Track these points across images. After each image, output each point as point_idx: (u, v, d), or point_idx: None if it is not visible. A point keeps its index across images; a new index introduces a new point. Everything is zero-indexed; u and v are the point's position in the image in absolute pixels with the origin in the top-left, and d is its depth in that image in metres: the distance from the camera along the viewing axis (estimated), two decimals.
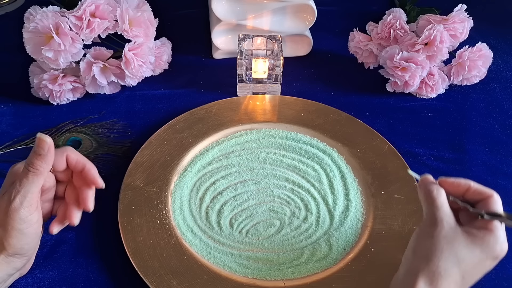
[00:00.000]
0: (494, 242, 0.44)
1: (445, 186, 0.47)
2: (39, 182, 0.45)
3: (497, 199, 0.46)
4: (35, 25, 0.62)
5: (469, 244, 0.43)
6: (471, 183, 0.47)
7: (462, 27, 0.71)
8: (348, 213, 0.59)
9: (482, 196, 0.46)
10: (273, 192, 0.61)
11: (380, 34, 0.74)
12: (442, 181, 0.48)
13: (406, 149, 0.66)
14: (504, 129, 0.71)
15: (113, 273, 0.53)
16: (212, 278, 0.52)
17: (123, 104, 0.72)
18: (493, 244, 0.44)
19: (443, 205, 0.45)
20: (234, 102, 0.71)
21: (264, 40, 0.71)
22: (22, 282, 0.52)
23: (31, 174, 0.45)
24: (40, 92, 0.69)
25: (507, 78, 0.79)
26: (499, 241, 0.44)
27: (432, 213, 0.45)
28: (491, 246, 0.43)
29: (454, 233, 0.44)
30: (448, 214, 0.45)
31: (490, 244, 0.43)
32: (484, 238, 0.44)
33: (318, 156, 0.65)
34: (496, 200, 0.46)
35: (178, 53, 0.79)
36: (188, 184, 0.61)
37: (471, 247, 0.43)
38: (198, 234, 0.56)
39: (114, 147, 0.65)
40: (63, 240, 0.56)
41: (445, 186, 0.47)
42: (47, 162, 0.46)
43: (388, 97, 0.74)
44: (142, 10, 0.69)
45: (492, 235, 0.44)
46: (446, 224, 0.44)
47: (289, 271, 0.53)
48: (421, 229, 0.46)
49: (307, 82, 0.77)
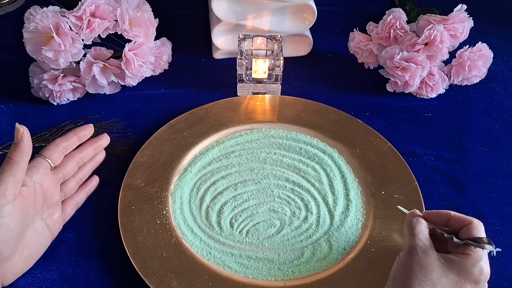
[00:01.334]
0: (470, 266, 0.44)
1: (429, 218, 0.50)
2: (13, 172, 0.45)
3: (476, 224, 0.47)
4: (35, 25, 0.62)
5: (445, 269, 0.45)
6: (451, 213, 0.49)
7: (462, 27, 0.71)
8: (348, 213, 0.59)
9: (463, 224, 0.48)
10: (273, 192, 0.61)
11: (380, 34, 0.74)
12: (426, 213, 0.51)
13: (406, 149, 0.66)
14: (504, 129, 0.71)
15: (113, 273, 0.53)
16: (213, 278, 0.52)
17: (123, 104, 0.72)
18: (470, 267, 0.44)
19: (420, 233, 0.48)
20: (234, 102, 0.71)
21: (264, 40, 0.71)
22: (22, 282, 0.52)
23: (5, 164, 0.45)
24: (40, 92, 0.69)
25: (507, 78, 0.79)
26: (477, 264, 0.45)
27: (409, 241, 0.48)
28: (468, 270, 0.44)
29: (429, 258, 0.45)
30: (423, 240, 0.47)
31: (467, 268, 0.44)
32: (461, 263, 0.45)
33: (318, 156, 0.65)
34: (475, 226, 0.47)
35: (178, 53, 0.79)
36: (188, 184, 0.61)
37: (446, 271, 0.44)
38: (198, 234, 0.56)
39: (114, 147, 0.65)
40: (63, 240, 0.56)
41: (429, 217, 0.50)
42: (21, 151, 0.46)
43: (388, 97, 0.74)
44: (142, 10, 0.69)
45: (468, 259, 0.45)
46: (420, 250, 0.46)
47: (289, 271, 0.53)
48: (400, 257, 0.48)
49: (307, 82, 0.77)
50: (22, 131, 0.47)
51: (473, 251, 0.45)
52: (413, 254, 0.46)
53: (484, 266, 0.45)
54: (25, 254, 0.49)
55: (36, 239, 0.51)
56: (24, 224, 0.48)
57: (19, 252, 0.48)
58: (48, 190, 0.52)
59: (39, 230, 0.51)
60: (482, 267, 0.45)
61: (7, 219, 0.45)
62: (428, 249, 0.46)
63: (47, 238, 0.52)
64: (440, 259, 0.45)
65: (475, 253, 0.45)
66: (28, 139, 0.47)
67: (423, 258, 0.45)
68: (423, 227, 0.48)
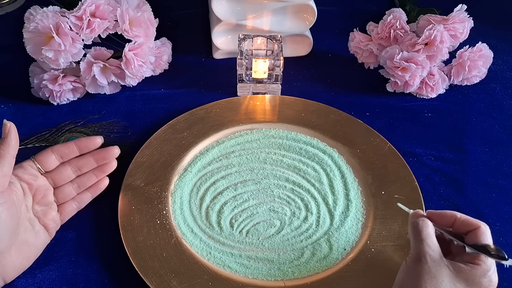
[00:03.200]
0: (480, 276, 0.43)
1: (433, 218, 0.47)
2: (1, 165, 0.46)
3: (484, 230, 0.45)
4: (35, 25, 0.62)
5: (454, 278, 0.43)
6: (457, 215, 0.47)
7: (462, 27, 0.71)
8: (349, 213, 0.59)
9: (470, 228, 0.46)
10: (273, 192, 0.61)
11: (380, 34, 0.74)
12: (429, 213, 0.48)
13: (406, 149, 0.66)
14: (504, 129, 0.71)
15: (113, 273, 0.53)
16: (212, 278, 0.52)
17: (123, 104, 0.72)
18: (479, 278, 0.43)
19: (428, 237, 0.45)
20: (234, 102, 0.71)
21: (264, 40, 0.70)
22: (22, 282, 0.52)
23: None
24: (40, 92, 0.69)
25: (507, 78, 0.79)
26: (486, 274, 0.43)
27: (417, 247, 0.45)
28: (477, 281, 0.43)
29: (438, 268, 0.43)
30: (432, 247, 0.45)
31: (476, 278, 0.43)
32: (470, 272, 0.43)
33: (318, 156, 0.65)
34: (483, 231, 0.45)
35: (178, 53, 0.79)
36: (188, 184, 0.61)
37: (455, 281, 0.43)
38: (198, 234, 0.56)
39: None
40: (63, 240, 0.56)
41: (433, 218, 0.48)
42: (8, 144, 0.47)
43: (388, 97, 0.74)
44: (142, 10, 0.69)
45: (478, 269, 0.43)
46: (429, 259, 0.44)
47: (289, 271, 0.53)
48: (407, 265, 0.46)
49: (307, 82, 0.77)
50: (9, 126, 0.48)
51: (483, 261, 0.44)
52: (422, 263, 0.44)
53: (493, 276, 0.44)
54: (24, 251, 0.50)
55: (34, 237, 0.51)
56: (17, 218, 0.48)
57: (17, 248, 0.48)
58: (38, 190, 0.52)
59: (36, 228, 0.51)
60: (491, 278, 0.44)
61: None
62: (437, 257, 0.44)
63: (44, 236, 0.52)
64: (449, 268, 0.44)
65: (485, 263, 0.44)
66: (15, 134, 0.48)
67: (433, 267, 0.43)
68: (430, 230, 0.46)
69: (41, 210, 0.53)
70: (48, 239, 0.53)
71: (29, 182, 0.52)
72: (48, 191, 0.54)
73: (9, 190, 0.48)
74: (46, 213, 0.53)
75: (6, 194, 0.47)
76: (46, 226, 0.53)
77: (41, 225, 0.52)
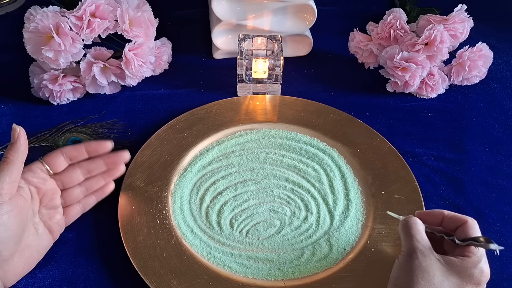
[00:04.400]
0: (471, 268, 0.44)
1: (422, 218, 0.49)
2: (9, 171, 0.46)
3: (472, 224, 0.46)
4: (35, 25, 0.62)
5: (446, 271, 0.44)
6: (444, 212, 0.49)
7: (462, 27, 0.71)
8: (349, 213, 0.59)
9: (458, 223, 0.47)
10: (273, 192, 0.61)
11: (380, 34, 0.74)
12: (418, 214, 0.50)
13: (406, 149, 0.66)
14: (504, 129, 0.71)
15: (113, 273, 0.53)
16: (212, 278, 0.52)
17: (123, 104, 0.72)
18: (471, 269, 0.44)
19: (417, 233, 0.46)
20: (234, 102, 0.71)
21: (264, 40, 0.71)
22: (22, 282, 0.52)
23: (1, 163, 0.46)
24: (40, 92, 0.69)
25: (507, 78, 0.79)
26: (477, 265, 0.44)
27: (407, 243, 0.46)
28: (469, 272, 0.44)
29: (430, 262, 0.44)
30: (422, 242, 0.46)
31: (468, 269, 0.44)
32: (461, 265, 0.44)
33: (318, 156, 0.65)
34: (470, 225, 0.46)
35: (178, 53, 0.79)
36: (188, 184, 0.61)
37: (448, 274, 0.44)
38: (198, 234, 0.56)
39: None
40: (63, 240, 0.55)
41: (422, 217, 0.49)
42: (17, 150, 0.46)
43: (388, 97, 0.74)
44: (143, 10, 0.69)
45: (469, 261, 0.44)
46: (419, 254, 0.45)
47: (289, 271, 0.53)
48: (399, 261, 0.47)
49: (307, 82, 0.77)
50: (18, 131, 0.47)
51: (473, 252, 0.45)
52: (413, 258, 0.45)
53: (484, 267, 0.45)
54: (26, 255, 0.49)
55: (37, 240, 0.50)
56: (23, 225, 0.48)
57: (19, 253, 0.48)
58: (46, 194, 0.52)
59: (40, 231, 0.51)
60: (482, 268, 0.44)
61: (5, 218, 0.45)
62: (427, 251, 0.45)
63: (48, 239, 0.52)
64: (441, 261, 0.44)
65: (475, 255, 0.45)
66: (25, 139, 0.47)
67: (423, 261, 0.44)
68: (419, 226, 0.47)
69: (47, 213, 0.52)
70: (51, 243, 0.53)
71: (38, 186, 0.51)
72: (56, 194, 0.53)
73: (17, 196, 0.47)
74: (51, 216, 0.53)
75: (14, 200, 0.46)
76: (50, 229, 0.52)
77: (45, 228, 0.52)
